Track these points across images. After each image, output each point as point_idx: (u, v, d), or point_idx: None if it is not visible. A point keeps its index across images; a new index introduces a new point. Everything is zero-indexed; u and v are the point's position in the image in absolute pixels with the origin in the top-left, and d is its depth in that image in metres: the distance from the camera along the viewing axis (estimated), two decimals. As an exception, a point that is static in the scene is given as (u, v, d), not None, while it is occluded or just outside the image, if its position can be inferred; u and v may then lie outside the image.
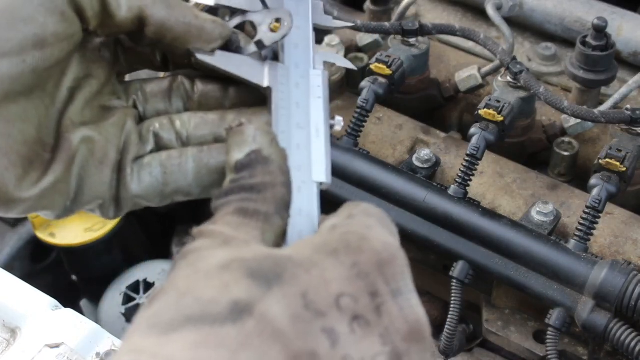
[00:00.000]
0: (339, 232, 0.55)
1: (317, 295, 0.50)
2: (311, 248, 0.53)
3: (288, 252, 0.53)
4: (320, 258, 0.52)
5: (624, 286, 1.10)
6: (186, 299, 0.49)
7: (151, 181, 0.67)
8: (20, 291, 1.06)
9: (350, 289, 0.51)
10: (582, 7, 1.49)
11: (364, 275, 0.52)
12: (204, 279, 0.51)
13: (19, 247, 1.69)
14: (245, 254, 0.52)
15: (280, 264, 0.51)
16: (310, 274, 0.51)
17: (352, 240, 0.54)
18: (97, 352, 0.98)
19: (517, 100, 1.28)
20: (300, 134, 0.64)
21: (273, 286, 0.50)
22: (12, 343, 1.01)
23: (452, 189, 1.22)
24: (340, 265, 0.52)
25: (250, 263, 0.51)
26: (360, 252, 0.53)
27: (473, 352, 1.31)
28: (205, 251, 0.53)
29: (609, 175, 1.18)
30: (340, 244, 0.53)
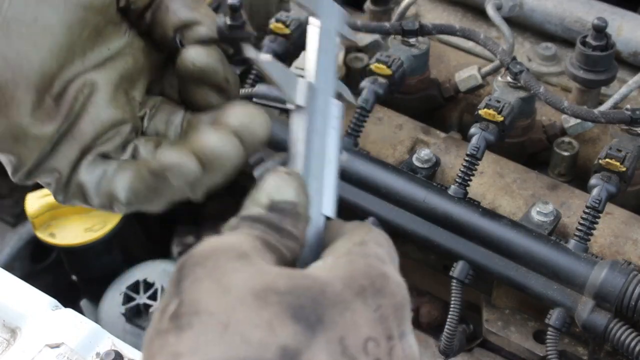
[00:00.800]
0: (361, 265, 0.56)
1: (350, 340, 0.52)
2: (340, 282, 0.54)
3: (318, 283, 0.53)
4: (351, 297, 0.53)
5: (624, 286, 1.10)
6: (231, 336, 0.49)
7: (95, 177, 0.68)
8: (20, 291, 1.06)
9: (375, 333, 0.53)
10: (582, 7, 1.49)
11: (384, 319, 0.54)
12: (241, 309, 0.50)
13: (19, 247, 1.69)
14: (276, 281, 0.52)
15: (318, 302, 0.52)
16: (344, 318, 0.52)
17: (376, 278, 0.55)
18: (97, 352, 0.98)
19: (517, 100, 1.28)
20: (316, 167, 0.64)
21: (317, 332, 0.51)
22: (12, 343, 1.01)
23: (452, 189, 1.22)
24: (368, 308, 0.54)
25: (288, 298, 0.51)
26: (382, 294, 0.55)
27: (473, 352, 1.31)
28: (225, 261, 0.53)
29: (609, 175, 1.18)
30: (366, 281, 0.55)
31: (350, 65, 1.47)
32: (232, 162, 0.66)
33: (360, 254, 0.57)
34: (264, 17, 1.57)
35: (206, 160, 0.65)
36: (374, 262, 0.57)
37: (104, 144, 0.69)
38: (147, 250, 1.65)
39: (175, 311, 0.51)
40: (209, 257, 0.53)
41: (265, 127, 0.67)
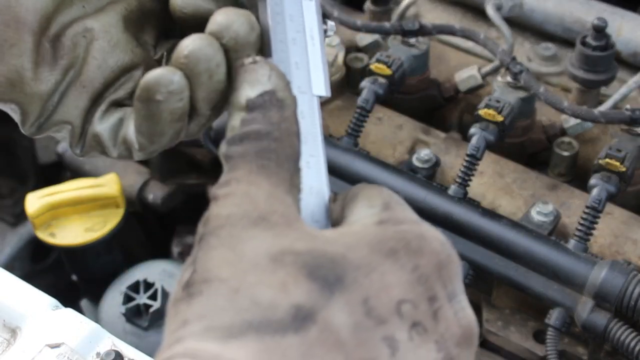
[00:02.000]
0: (392, 230, 0.52)
1: (378, 301, 0.48)
2: (366, 247, 0.50)
3: (341, 247, 0.50)
4: (379, 260, 0.49)
5: (624, 286, 1.10)
6: (241, 299, 0.47)
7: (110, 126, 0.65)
8: (20, 291, 1.06)
9: (411, 295, 0.49)
10: (582, 7, 1.50)
11: (424, 280, 0.50)
12: (255, 272, 0.47)
13: (19, 247, 1.69)
14: (295, 243, 0.49)
15: (339, 263, 0.48)
16: (370, 279, 0.48)
17: (412, 239, 0.51)
18: (97, 352, 0.98)
19: (517, 100, 1.28)
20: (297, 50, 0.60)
21: (335, 291, 0.47)
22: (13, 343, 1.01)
23: (452, 189, 1.22)
24: (401, 268, 0.50)
25: (305, 258, 0.48)
26: (420, 254, 0.51)
27: (473, 352, 1.31)
28: (240, 229, 0.50)
29: (608, 175, 1.18)
30: (399, 243, 0.51)
31: (350, 65, 1.47)
32: (214, 63, 0.59)
33: (390, 220, 0.53)
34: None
35: (187, 67, 0.59)
36: (408, 226, 0.52)
37: (116, 91, 0.66)
38: (147, 250, 1.65)
39: (188, 280, 0.49)
40: (223, 225, 0.50)
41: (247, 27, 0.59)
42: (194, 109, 0.62)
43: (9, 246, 1.69)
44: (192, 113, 0.62)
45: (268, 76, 0.56)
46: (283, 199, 0.52)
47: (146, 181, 1.64)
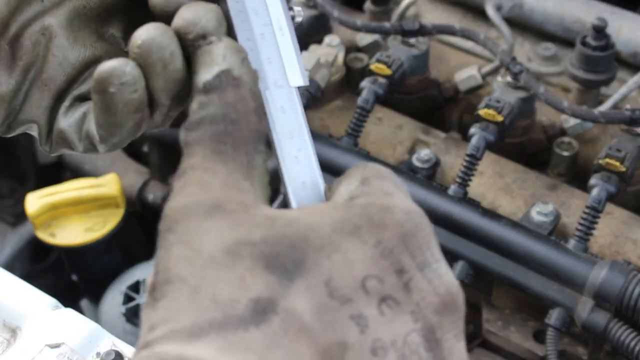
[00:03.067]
0: (358, 205, 0.51)
1: (342, 280, 0.47)
2: (330, 226, 0.49)
3: (302, 228, 0.49)
4: (341, 238, 0.48)
5: (624, 286, 1.10)
6: (201, 298, 0.46)
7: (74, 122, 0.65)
8: (20, 291, 1.06)
9: (376, 270, 0.48)
10: (582, 7, 1.50)
11: (388, 253, 0.49)
12: (213, 268, 0.47)
13: (20, 247, 1.69)
14: (252, 232, 0.48)
15: (298, 247, 0.47)
16: (332, 259, 0.47)
17: (374, 213, 0.50)
18: (97, 352, 0.98)
19: (517, 100, 1.28)
20: (266, 44, 0.58)
21: (294, 278, 0.46)
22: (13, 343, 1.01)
23: (452, 189, 1.22)
24: (363, 244, 0.48)
25: (262, 248, 0.47)
26: (383, 227, 0.49)
27: (473, 352, 1.31)
28: (196, 221, 0.49)
29: (608, 175, 1.18)
30: (362, 219, 0.49)
31: (350, 65, 1.47)
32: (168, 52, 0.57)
33: (362, 195, 0.52)
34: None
35: (140, 57, 0.58)
36: (375, 199, 0.51)
37: (80, 87, 0.65)
38: (147, 250, 1.65)
39: (152, 283, 0.48)
40: (178, 219, 0.49)
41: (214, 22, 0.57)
42: (153, 99, 0.60)
43: (9, 246, 1.69)
44: (151, 103, 0.61)
45: (223, 55, 0.54)
46: (240, 185, 0.51)
47: (146, 181, 1.64)
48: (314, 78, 1.34)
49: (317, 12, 1.47)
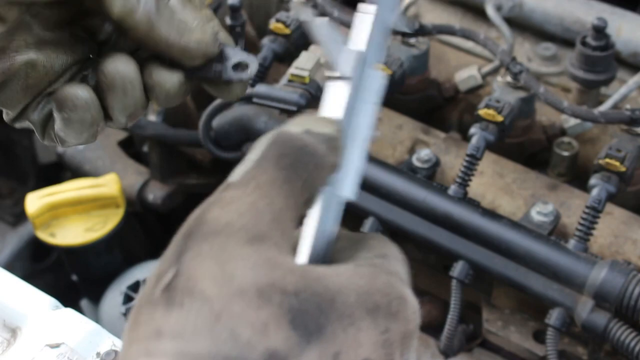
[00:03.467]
0: (382, 281, 0.53)
1: (347, 357, 0.49)
2: (355, 295, 0.51)
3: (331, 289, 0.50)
4: (361, 314, 0.51)
5: (624, 286, 1.10)
6: (221, 329, 0.46)
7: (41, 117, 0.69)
8: (20, 291, 1.06)
9: (375, 356, 0.51)
10: (582, 7, 1.50)
11: (389, 345, 0.52)
12: (241, 302, 0.47)
13: (20, 247, 1.69)
14: (285, 278, 0.49)
15: (323, 311, 0.49)
16: (347, 333, 0.50)
17: (393, 299, 0.53)
18: (97, 352, 0.98)
19: (517, 100, 1.28)
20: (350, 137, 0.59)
21: (312, 342, 0.48)
22: (13, 343, 1.01)
23: (452, 189, 1.23)
24: (375, 328, 0.51)
25: (292, 301, 0.48)
26: (396, 319, 0.52)
27: (473, 352, 1.31)
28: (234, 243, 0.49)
29: (608, 175, 1.18)
30: (383, 300, 0.52)
31: (350, 65, 1.47)
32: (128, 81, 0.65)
33: (383, 268, 0.54)
34: (264, 17, 1.57)
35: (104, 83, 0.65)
36: (395, 282, 0.54)
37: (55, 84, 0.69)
38: (147, 250, 1.65)
39: (170, 283, 0.48)
40: (218, 233, 0.49)
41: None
42: (109, 116, 0.67)
43: (9, 246, 1.69)
44: (108, 118, 0.67)
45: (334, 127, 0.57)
46: (286, 226, 0.51)
47: (146, 181, 1.64)
48: (314, 78, 1.34)
49: (317, 12, 1.47)
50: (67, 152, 1.72)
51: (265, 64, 1.40)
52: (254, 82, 1.39)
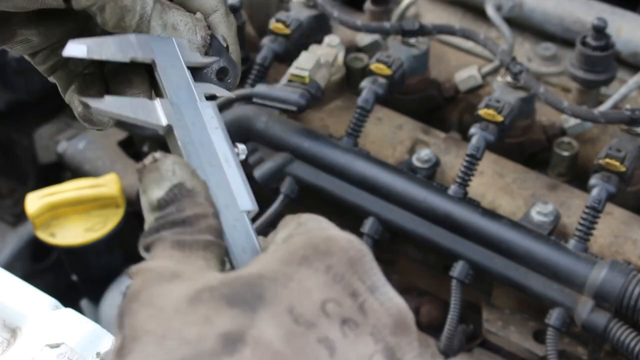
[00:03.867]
0: (301, 239, 0.53)
1: (303, 307, 0.49)
2: (278, 261, 0.51)
3: (254, 270, 0.51)
4: (293, 269, 0.51)
5: (624, 286, 1.10)
6: (170, 342, 0.47)
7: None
8: (20, 291, 1.06)
9: (332, 294, 0.50)
10: (582, 7, 1.50)
11: (340, 277, 0.51)
12: (177, 316, 0.48)
13: (20, 247, 1.69)
14: (209, 281, 0.50)
15: (255, 284, 0.49)
16: (289, 288, 0.49)
17: (318, 243, 0.52)
18: (97, 352, 0.98)
19: (517, 100, 1.28)
20: (214, 171, 0.62)
21: (258, 309, 0.48)
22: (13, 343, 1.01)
23: (452, 189, 1.23)
24: (315, 272, 0.51)
25: (222, 290, 0.49)
26: (330, 254, 0.52)
27: (473, 352, 1.31)
28: (157, 287, 0.51)
29: (608, 175, 1.18)
30: (308, 249, 0.52)
31: (350, 65, 1.47)
32: None
33: (301, 232, 0.54)
34: (264, 17, 1.57)
35: None
36: (313, 232, 0.54)
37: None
38: (147, 250, 1.65)
39: (118, 345, 0.49)
40: (140, 290, 0.51)
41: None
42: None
43: (9, 246, 1.69)
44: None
45: (172, 170, 0.57)
46: (195, 263, 0.53)
47: (146, 181, 1.64)
48: (314, 78, 1.34)
49: (317, 12, 1.47)
50: (67, 152, 1.72)
51: (265, 64, 1.40)
52: (254, 82, 1.39)
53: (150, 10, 0.64)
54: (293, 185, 1.31)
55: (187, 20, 0.67)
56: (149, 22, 0.65)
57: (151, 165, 0.58)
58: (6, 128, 1.82)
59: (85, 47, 0.59)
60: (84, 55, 0.59)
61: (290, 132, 1.33)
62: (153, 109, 0.63)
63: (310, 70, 1.33)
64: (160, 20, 0.65)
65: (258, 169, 1.31)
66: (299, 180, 1.31)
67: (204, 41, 0.68)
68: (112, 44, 0.61)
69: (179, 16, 0.67)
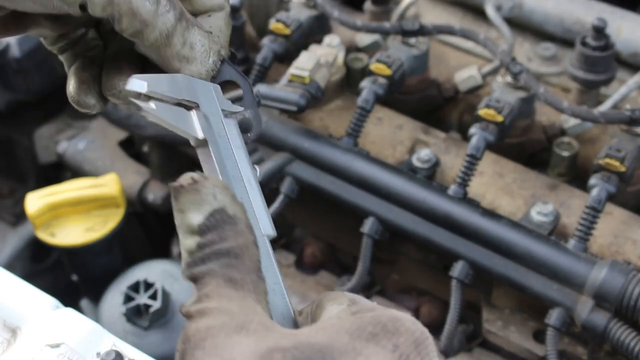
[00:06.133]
0: (368, 315, 0.54)
1: None
2: (347, 334, 0.52)
3: (323, 337, 0.52)
4: (361, 344, 0.52)
5: (624, 286, 1.10)
6: None
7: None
8: (21, 291, 1.06)
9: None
10: (582, 7, 1.50)
11: (405, 357, 0.53)
12: None
13: (20, 247, 1.69)
14: (279, 342, 0.51)
15: (326, 353, 0.50)
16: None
17: (386, 322, 0.54)
18: (97, 352, 0.98)
19: (517, 100, 1.28)
20: (238, 188, 0.62)
21: None
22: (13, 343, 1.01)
23: (452, 189, 1.23)
24: (382, 349, 0.52)
25: (294, 353, 0.50)
26: (398, 334, 0.53)
27: (473, 352, 1.31)
28: (223, 337, 0.51)
29: (608, 175, 1.18)
30: (376, 327, 0.53)
31: (350, 65, 1.47)
32: None
33: (360, 308, 0.55)
34: (264, 17, 1.57)
35: None
36: (379, 310, 0.55)
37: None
38: (147, 250, 1.66)
39: None
40: (205, 338, 0.51)
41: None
42: None
43: (9, 246, 1.69)
44: None
45: (213, 195, 0.56)
46: (255, 308, 0.54)
47: (146, 181, 1.64)
48: (314, 78, 1.34)
49: (317, 12, 1.47)
50: (67, 152, 1.72)
51: (265, 64, 1.40)
52: (254, 82, 1.39)
53: (172, 27, 0.64)
54: (293, 185, 1.31)
55: (204, 42, 0.67)
56: (170, 39, 0.64)
57: (190, 187, 0.56)
58: (6, 128, 1.82)
59: (145, 84, 0.61)
60: (144, 91, 0.61)
61: (290, 132, 1.33)
62: (189, 120, 0.63)
63: (310, 71, 1.33)
64: (182, 37, 0.65)
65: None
66: (299, 180, 1.31)
67: (215, 65, 0.68)
68: (166, 82, 0.63)
69: (198, 36, 0.66)
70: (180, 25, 0.64)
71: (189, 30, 0.65)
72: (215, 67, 0.67)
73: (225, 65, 0.69)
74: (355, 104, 1.32)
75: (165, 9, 0.62)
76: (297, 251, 1.47)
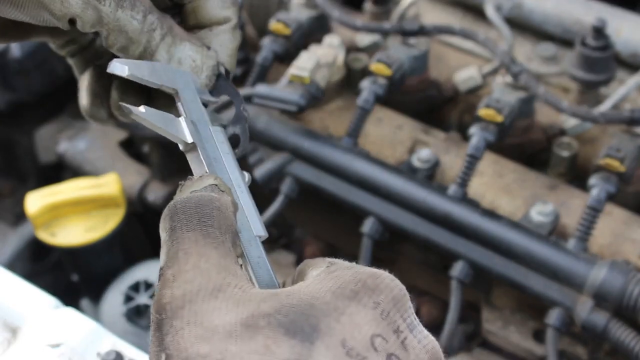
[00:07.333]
0: (348, 274, 0.55)
1: (354, 340, 0.51)
2: (329, 293, 0.53)
3: (305, 298, 0.53)
4: (344, 303, 0.53)
5: (624, 286, 1.10)
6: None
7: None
8: (21, 291, 1.06)
9: (379, 329, 0.53)
10: (581, 7, 1.50)
11: (386, 314, 0.54)
12: (234, 341, 0.49)
13: (20, 247, 1.69)
14: (261, 306, 0.51)
15: (310, 314, 0.51)
16: (341, 322, 0.52)
17: (366, 279, 0.55)
18: (97, 352, 0.99)
19: (516, 100, 1.28)
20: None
21: (314, 340, 0.50)
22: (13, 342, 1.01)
23: (452, 189, 1.23)
24: (364, 307, 0.53)
25: (277, 317, 0.51)
26: (378, 291, 0.54)
27: (473, 352, 1.31)
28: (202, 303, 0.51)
29: (608, 175, 1.18)
30: (357, 284, 0.54)
31: (350, 65, 1.47)
32: None
33: (338, 267, 0.56)
34: (264, 17, 1.57)
35: None
36: (358, 269, 0.56)
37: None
38: (147, 250, 1.65)
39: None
40: (182, 305, 0.52)
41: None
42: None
43: (10, 246, 1.69)
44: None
45: (214, 178, 0.60)
46: (233, 270, 0.54)
47: (146, 181, 1.64)
48: (314, 78, 1.34)
49: (317, 12, 1.47)
50: (67, 152, 1.72)
51: (265, 64, 1.40)
52: (254, 82, 1.39)
53: (156, 45, 0.66)
54: (293, 185, 1.31)
55: (195, 57, 0.68)
56: (153, 55, 0.66)
57: (195, 178, 0.60)
58: (6, 128, 1.82)
59: (127, 68, 0.64)
60: (125, 74, 0.64)
61: (290, 132, 1.33)
62: (178, 125, 0.66)
63: (311, 71, 1.33)
64: (166, 53, 0.67)
65: (258, 169, 1.31)
66: (299, 180, 1.31)
67: (209, 80, 0.70)
68: (146, 68, 0.66)
69: (188, 51, 0.68)
70: (164, 42, 0.66)
71: (176, 46, 0.67)
72: (209, 82, 0.69)
73: (222, 80, 0.70)
74: (355, 104, 1.32)
75: (152, 27, 0.65)
76: (297, 251, 1.47)
